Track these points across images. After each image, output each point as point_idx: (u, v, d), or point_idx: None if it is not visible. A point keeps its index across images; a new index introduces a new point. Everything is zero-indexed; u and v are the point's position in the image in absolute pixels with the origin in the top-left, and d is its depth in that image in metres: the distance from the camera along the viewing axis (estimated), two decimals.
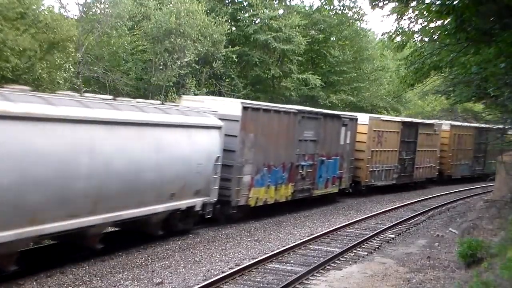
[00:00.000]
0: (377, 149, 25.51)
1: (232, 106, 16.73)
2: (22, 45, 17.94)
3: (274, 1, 33.40)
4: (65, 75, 20.71)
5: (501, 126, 34.33)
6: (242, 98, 24.51)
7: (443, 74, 18.41)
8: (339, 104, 34.03)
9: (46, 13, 20.31)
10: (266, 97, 29.67)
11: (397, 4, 12.62)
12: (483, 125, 34.29)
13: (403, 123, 27.90)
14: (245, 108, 16.59)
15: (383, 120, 26.73)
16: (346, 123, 22.73)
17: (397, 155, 27.27)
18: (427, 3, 11.67)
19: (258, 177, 17.41)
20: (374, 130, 25.14)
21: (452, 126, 33.13)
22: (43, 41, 19.54)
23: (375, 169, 25.58)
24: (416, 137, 28.92)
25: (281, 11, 33.13)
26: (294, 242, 14.83)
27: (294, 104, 26.18)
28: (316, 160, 20.64)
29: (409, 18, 13.77)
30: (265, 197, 17.93)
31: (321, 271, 12.48)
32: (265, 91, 31.72)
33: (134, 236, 13.68)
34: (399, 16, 13.52)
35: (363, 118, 24.74)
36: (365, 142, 24.58)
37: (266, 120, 17.64)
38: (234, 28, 31.21)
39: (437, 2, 11.00)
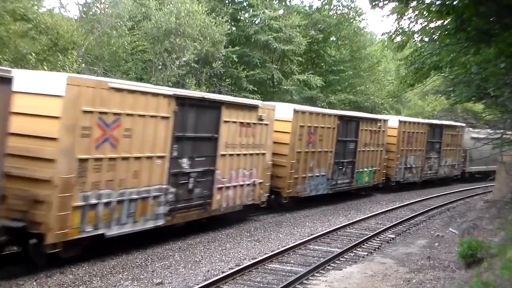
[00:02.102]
0: (105, 156, 11.56)
1: None
2: (22, 47, 18.04)
3: (274, 1, 33.44)
4: None
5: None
6: (245, 97, 24.47)
7: (443, 74, 18.41)
8: (338, 104, 34.06)
9: (47, 15, 20.37)
10: (267, 99, 29.69)
11: (397, 4, 12.62)
12: (349, 113, 24.56)
13: (180, 99, 13.47)
14: None
15: (125, 91, 12.00)
16: None
17: (166, 167, 13.26)
18: (427, 3, 11.67)
19: None
20: (89, 112, 11.11)
21: (296, 112, 19.31)
22: (45, 44, 19.61)
23: (98, 200, 11.49)
24: (217, 130, 15.13)
25: (281, 11, 33.17)
26: (294, 242, 14.83)
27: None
28: None
29: (409, 18, 13.79)
30: None
31: (321, 271, 12.48)
32: (266, 92, 31.73)
33: (134, 236, 13.68)
34: (399, 16, 13.53)
35: (47, 81, 11.12)
36: (55, 139, 10.69)
37: None
38: (234, 29, 31.24)
39: (437, 2, 11.00)
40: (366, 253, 14.60)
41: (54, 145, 10.69)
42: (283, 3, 34.50)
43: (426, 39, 14.83)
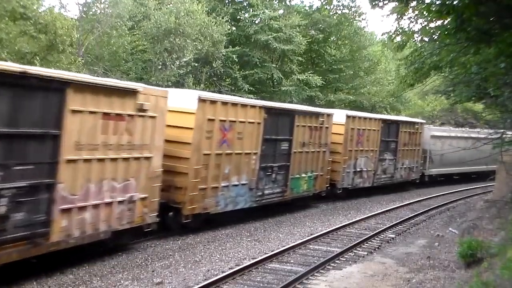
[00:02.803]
0: None
1: None
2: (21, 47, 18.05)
3: (274, 1, 33.47)
4: None
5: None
6: (245, 97, 24.40)
7: (443, 74, 18.42)
8: (338, 104, 34.04)
9: (47, 13, 20.38)
10: (267, 99, 29.64)
11: (397, 4, 12.61)
12: (280, 105, 19.45)
13: None
14: None
15: None
16: None
17: None
18: (427, 3, 11.66)
19: None
20: None
21: (203, 101, 14.52)
22: (43, 43, 19.61)
23: None
24: (59, 124, 10.28)
25: (281, 11, 33.19)
26: (294, 242, 14.84)
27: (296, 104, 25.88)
28: None
29: (409, 18, 13.80)
30: None
31: (321, 271, 12.49)
32: (265, 92, 31.72)
33: (134, 236, 13.69)
34: (399, 16, 13.52)
35: None
36: None
37: None
38: (234, 28, 31.26)
39: (437, 2, 11.00)
40: (366, 253, 14.61)
41: None
42: (283, 3, 34.53)
43: (426, 39, 14.83)
